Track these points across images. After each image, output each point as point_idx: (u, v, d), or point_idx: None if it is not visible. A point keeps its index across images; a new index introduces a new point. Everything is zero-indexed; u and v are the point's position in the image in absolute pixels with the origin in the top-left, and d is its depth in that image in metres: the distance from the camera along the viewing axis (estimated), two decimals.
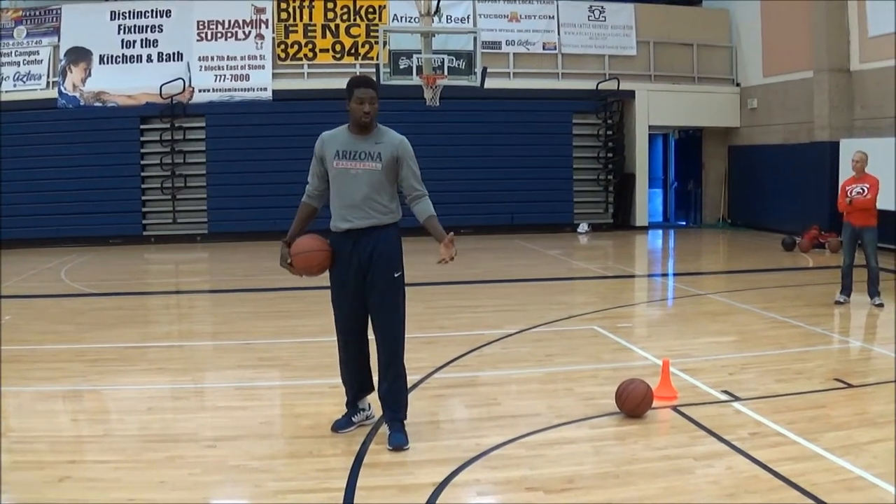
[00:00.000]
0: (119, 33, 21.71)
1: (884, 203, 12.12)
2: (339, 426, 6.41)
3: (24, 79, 21.45)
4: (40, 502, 5.12)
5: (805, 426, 6.39)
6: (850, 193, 11.78)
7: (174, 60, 21.83)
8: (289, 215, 6.44)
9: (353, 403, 6.49)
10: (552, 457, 5.89)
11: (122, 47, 21.69)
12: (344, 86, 6.10)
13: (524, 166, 22.88)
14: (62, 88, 21.43)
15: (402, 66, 16.19)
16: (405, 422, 6.23)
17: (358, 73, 20.60)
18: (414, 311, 11.29)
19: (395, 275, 6.13)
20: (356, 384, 6.44)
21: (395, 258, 6.15)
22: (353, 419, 6.45)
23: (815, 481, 5.28)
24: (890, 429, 6.33)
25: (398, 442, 6.05)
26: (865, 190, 11.73)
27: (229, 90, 21.95)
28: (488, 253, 19.09)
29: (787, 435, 6.21)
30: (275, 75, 22.17)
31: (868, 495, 5.12)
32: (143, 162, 21.84)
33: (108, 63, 21.64)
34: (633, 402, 6.67)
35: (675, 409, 6.94)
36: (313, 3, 22.23)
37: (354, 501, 5.14)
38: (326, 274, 6.23)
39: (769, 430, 6.36)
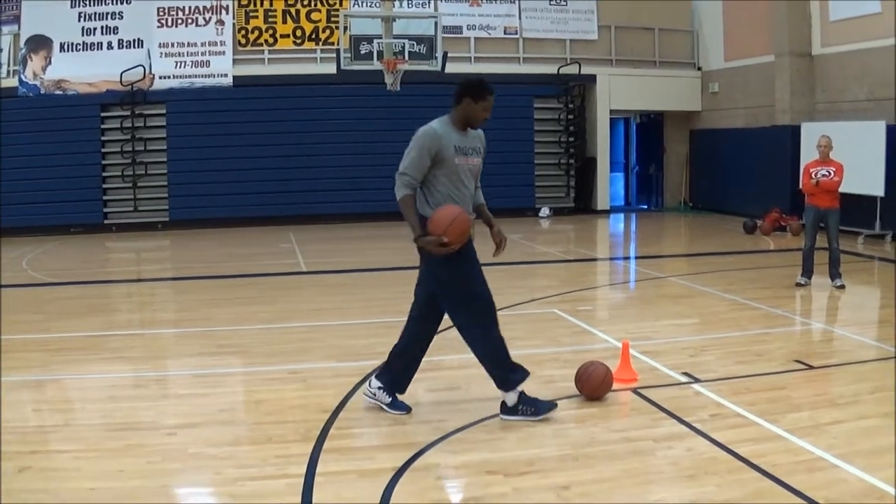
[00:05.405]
0: (79, 20, 21.44)
1: (846, 187, 12.22)
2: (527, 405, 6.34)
3: None
4: None
5: (765, 407, 6.46)
6: (816, 175, 11.89)
7: (135, 47, 21.61)
8: (249, 202, 6.43)
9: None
10: (512, 440, 5.92)
11: (83, 35, 21.43)
12: (304, 71, 6.14)
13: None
14: (23, 77, 21.13)
15: (362, 52, 16.13)
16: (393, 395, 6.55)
17: (319, 59, 20.44)
18: (376, 296, 11.37)
19: None
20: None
21: None
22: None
23: (776, 462, 5.34)
24: (850, 410, 6.41)
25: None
26: (831, 173, 11.84)
27: (190, 76, 21.74)
28: None
29: (747, 416, 6.27)
30: (235, 61, 21.93)
31: (828, 476, 5.17)
32: (103, 150, 21.59)
33: (68, 51, 21.38)
34: (593, 385, 6.71)
35: (635, 391, 6.98)
36: None
37: (314, 487, 5.13)
38: (285, 260, 6.20)
39: (729, 411, 6.42)
